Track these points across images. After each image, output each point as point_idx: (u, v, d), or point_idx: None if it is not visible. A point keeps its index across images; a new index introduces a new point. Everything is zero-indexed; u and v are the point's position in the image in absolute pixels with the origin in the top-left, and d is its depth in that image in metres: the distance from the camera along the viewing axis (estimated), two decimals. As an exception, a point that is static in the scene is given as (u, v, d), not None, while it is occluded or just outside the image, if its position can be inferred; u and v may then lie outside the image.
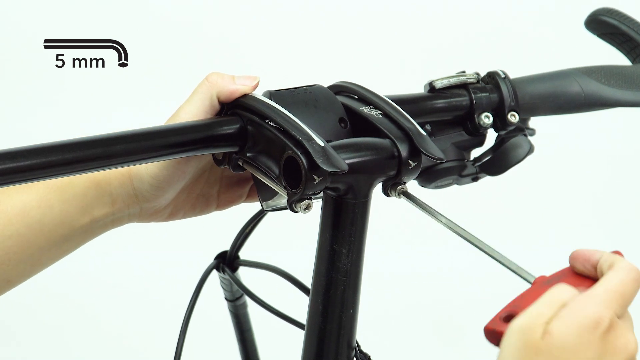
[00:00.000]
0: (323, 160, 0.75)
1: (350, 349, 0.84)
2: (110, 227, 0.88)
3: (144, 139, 0.77)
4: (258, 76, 0.84)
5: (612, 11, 1.03)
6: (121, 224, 0.88)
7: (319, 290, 0.83)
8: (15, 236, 0.83)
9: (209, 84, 0.83)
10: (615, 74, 0.96)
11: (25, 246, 0.84)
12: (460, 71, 0.94)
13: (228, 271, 1.09)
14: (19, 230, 0.83)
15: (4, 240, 0.83)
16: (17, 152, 0.71)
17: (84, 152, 0.74)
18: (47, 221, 0.84)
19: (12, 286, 0.86)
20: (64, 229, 0.85)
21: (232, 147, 0.82)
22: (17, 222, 0.84)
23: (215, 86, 0.82)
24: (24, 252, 0.84)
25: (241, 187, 0.92)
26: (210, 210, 0.92)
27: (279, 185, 0.79)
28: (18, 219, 0.84)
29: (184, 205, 0.90)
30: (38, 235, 0.84)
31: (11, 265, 0.84)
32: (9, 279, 0.85)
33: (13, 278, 0.85)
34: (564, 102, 0.95)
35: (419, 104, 0.91)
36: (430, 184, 0.95)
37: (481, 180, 0.98)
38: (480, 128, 0.93)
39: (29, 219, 0.84)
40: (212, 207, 0.92)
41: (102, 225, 0.87)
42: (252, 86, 0.83)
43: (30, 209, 0.84)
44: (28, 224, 0.84)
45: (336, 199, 0.80)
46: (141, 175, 0.85)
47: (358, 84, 0.86)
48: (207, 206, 0.91)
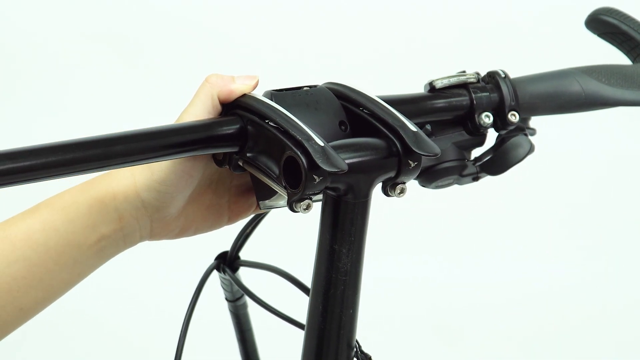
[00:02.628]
0: (323, 160, 0.75)
1: (350, 348, 0.84)
2: (122, 246, 0.87)
3: (145, 139, 0.77)
4: (257, 75, 0.83)
5: (613, 10, 1.03)
6: (133, 242, 0.87)
7: (319, 290, 0.82)
8: (21, 260, 0.82)
9: (209, 85, 0.83)
10: (616, 73, 0.96)
11: (34, 270, 0.83)
12: (461, 71, 0.94)
13: (228, 271, 1.09)
14: (24, 254, 0.82)
15: (10, 265, 0.82)
16: (18, 153, 0.71)
17: (84, 153, 0.74)
18: (52, 244, 0.83)
19: (27, 315, 0.84)
20: (72, 250, 0.84)
21: (232, 147, 0.82)
22: (22, 247, 0.82)
23: (215, 86, 0.82)
24: (33, 277, 0.83)
25: (252, 195, 0.91)
26: (222, 223, 0.91)
27: (279, 185, 0.79)
28: (22, 244, 0.83)
29: (195, 217, 0.89)
30: (45, 259, 0.83)
31: (21, 291, 0.83)
32: (21, 306, 0.83)
33: (26, 305, 0.83)
34: (564, 101, 0.96)
35: (419, 103, 0.91)
36: (431, 184, 0.95)
37: (482, 180, 0.98)
38: (480, 128, 0.93)
39: (33, 242, 0.83)
40: (224, 218, 0.91)
41: (113, 243, 0.86)
42: (252, 85, 0.83)
43: (34, 232, 0.83)
44: (33, 247, 0.83)
45: (336, 198, 0.80)
46: (148, 184, 0.84)
47: (346, 85, 0.86)
48: (219, 217, 0.90)
